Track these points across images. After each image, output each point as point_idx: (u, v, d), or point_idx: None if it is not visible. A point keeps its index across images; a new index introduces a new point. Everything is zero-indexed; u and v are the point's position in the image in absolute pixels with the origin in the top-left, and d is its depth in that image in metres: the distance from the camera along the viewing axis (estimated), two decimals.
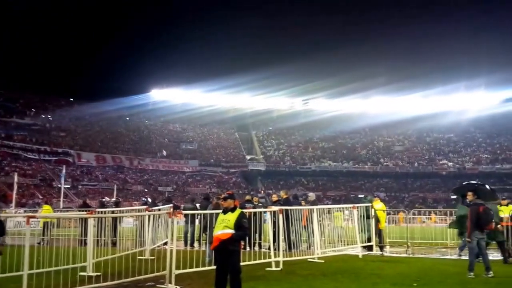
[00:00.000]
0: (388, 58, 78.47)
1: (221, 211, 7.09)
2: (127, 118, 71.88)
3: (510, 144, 65.74)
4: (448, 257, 13.00)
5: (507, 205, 13.44)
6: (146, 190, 54.34)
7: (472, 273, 9.08)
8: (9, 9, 79.12)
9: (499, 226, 11.61)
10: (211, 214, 9.59)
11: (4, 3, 78.58)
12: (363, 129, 73.84)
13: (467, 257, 9.50)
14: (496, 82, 68.94)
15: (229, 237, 6.56)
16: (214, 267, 6.97)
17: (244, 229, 6.75)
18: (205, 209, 12.71)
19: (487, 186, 11.80)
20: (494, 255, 11.89)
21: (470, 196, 9.66)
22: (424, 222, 22.34)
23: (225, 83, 71.52)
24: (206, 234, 10.88)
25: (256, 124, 76.49)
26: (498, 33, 74.26)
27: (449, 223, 14.13)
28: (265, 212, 11.94)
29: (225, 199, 6.94)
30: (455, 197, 41.96)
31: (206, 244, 10.08)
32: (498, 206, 13.49)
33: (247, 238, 11.24)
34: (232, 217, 6.69)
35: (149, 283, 8.20)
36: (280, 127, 74.86)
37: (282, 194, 14.39)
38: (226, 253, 6.55)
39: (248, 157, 69.09)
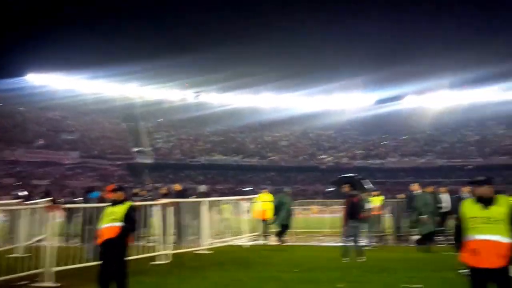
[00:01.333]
0: (277, 56, 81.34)
1: (105, 204, 6.84)
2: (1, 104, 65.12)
3: (381, 141, 72.33)
4: (326, 244, 13.97)
5: (377, 196, 14.88)
6: (18, 183, 49.84)
7: (347, 258, 9.91)
8: None
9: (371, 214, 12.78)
10: (94, 208, 9.17)
11: None
12: (253, 124, 75.77)
13: (347, 244, 10.27)
14: (370, 83, 75.45)
15: (117, 230, 6.35)
16: (97, 262, 6.70)
17: (133, 222, 6.59)
18: (88, 202, 12.13)
19: (364, 180, 12.95)
20: (366, 241, 13.04)
21: (346, 188, 10.49)
22: (302, 212, 23.66)
23: (112, 70, 68.03)
24: (88, 229, 10.40)
25: (145, 115, 74.38)
26: (373, 35, 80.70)
27: None
28: (153, 205, 11.74)
29: (114, 191, 6.70)
30: (331, 189, 45.17)
31: (87, 239, 9.63)
32: (370, 197, 14.88)
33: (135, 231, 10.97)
34: (121, 209, 6.49)
35: (23, 282, 7.63)
36: (171, 119, 73.70)
37: (177, 186, 14.33)
38: (113, 247, 6.33)
39: (135, 149, 66.94)
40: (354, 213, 10.06)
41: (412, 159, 65.57)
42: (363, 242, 11.28)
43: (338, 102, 77.21)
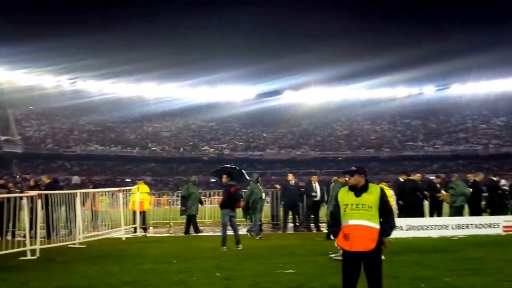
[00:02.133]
0: (159, 45, 78.95)
1: None
2: None
3: (260, 133, 74.80)
4: (205, 234, 14.10)
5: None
6: None
7: (224, 247, 10.11)
8: None
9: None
10: None
11: None
12: (133, 114, 73.24)
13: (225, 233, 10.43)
14: (251, 76, 77.12)
15: None
16: None
17: None
18: None
19: (244, 171, 13.23)
20: (243, 229, 13.43)
21: (224, 179, 10.68)
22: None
23: None
24: None
25: (14, 102, 67.54)
26: (254, 28, 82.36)
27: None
28: (21, 198, 10.77)
29: None
30: (214, 180, 45.64)
31: None
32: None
33: None
34: None
35: None
36: (43, 107, 67.97)
37: (44, 178, 13.31)
38: None
39: (2, 138, 60.53)
40: (231, 202, 10.28)
41: (288, 151, 68.94)
42: (240, 230, 11.60)
43: (220, 94, 78.00)
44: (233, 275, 7.17)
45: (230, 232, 10.43)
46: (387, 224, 4.84)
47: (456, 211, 13.50)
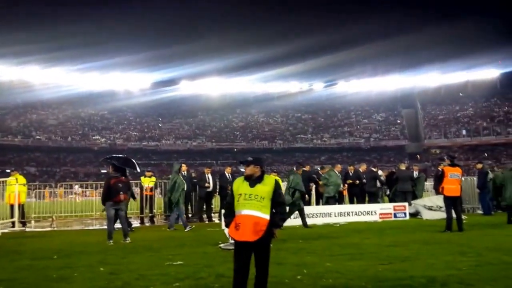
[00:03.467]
0: (46, 25, 72.71)
1: None
2: None
3: (156, 123, 73.06)
4: (93, 228, 13.44)
5: (150, 177, 14.99)
6: None
7: (111, 241, 9.70)
8: None
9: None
10: None
11: None
12: (15, 99, 67.06)
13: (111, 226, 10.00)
14: (146, 63, 74.38)
15: None
16: None
17: None
18: None
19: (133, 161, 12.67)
20: (136, 222, 13.02)
21: (110, 170, 10.23)
22: (73, 195, 22.32)
23: None
24: None
25: None
26: (154, 14, 79.81)
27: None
28: None
29: None
30: (104, 171, 43.64)
31: None
32: (142, 177, 14.91)
33: None
34: None
35: None
36: None
37: None
38: None
39: None
40: (111, 195, 9.83)
41: (184, 141, 68.35)
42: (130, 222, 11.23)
43: (113, 82, 74.02)
44: (119, 269, 6.89)
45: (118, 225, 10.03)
46: (278, 215, 4.91)
47: (329, 200, 14.28)
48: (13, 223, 13.03)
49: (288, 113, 78.21)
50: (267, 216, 4.79)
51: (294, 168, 13.08)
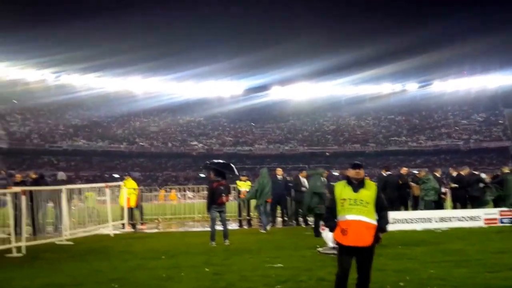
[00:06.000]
0: (146, 39, 78.08)
1: None
2: None
3: (249, 129, 74.83)
4: (195, 229, 14.12)
5: (245, 181, 15.45)
6: None
7: (213, 242, 10.15)
8: None
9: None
10: None
11: None
12: (120, 108, 72.66)
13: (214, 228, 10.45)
14: (239, 70, 76.84)
15: None
16: None
17: None
18: None
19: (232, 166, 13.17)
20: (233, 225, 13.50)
21: (211, 175, 10.72)
22: (179, 198, 23.58)
23: None
24: None
25: None
26: (239, 23, 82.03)
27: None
28: (5, 194, 10.67)
29: None
30: (204, 175, 45.67)
31: None
32: (238, 181, 15.41)
33: None
34: None
35: None
36: (28, 102, 67.05)
37: (31, 174, 13.20)
38: None
39: None
40: (215, 198, 10.28)
41: (277, 146, 69.13)
42: (230, 225, 11.66)
43: (208, 89, 77.66)
44: (222, 270, 7.21)
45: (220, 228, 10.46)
46: (383, 220, 4.90)
47: (428, 205, 13.66)
48: (123, 224, 14.02)
49: (380, 115, 75.93)
50: (374, 221, 4.80)
51: (314, 171, 13.01)
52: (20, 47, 62.26)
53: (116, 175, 47.94)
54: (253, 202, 15.77)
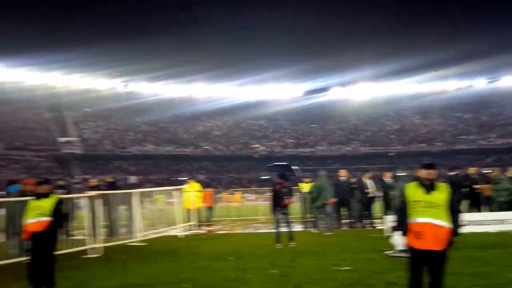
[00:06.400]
0: (208, 46, 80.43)
1: (29, 198, 6.56)
2: None
3: (310, 130, 74.48)
4: (260, 231, 14.25)
5: (308, 182, 15.40)
6: None
7: (278, 244, 10.21)
8: None
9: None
10: (18, 202, 8.72)
11: None
12: (184, 113, 74.95)
13: (279, 230, 10.52)
14: (299, 76, 77.29)
15: (44, 225, 6.11)
16: (23, 258, 6.45)
17: (61, 216, 6.38)
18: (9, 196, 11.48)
19: (295, 168, 13.27)
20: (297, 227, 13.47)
21: (274, 176, 10.82)
22: (242, 200, 23.97)
23: (35, 58, 64.44)
24: (12, 224, 9.88)
25: (70, 105, 71.00)
26: (301, 27, 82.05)
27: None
28: (81, 197, 11.36)
29: (39, 184, 6.42)
30: (266, 177, 45.98)
31: (12, 234, 9.16)
32: (300, 183, 15.40)
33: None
34: (47, 203, 6.24)
35: None
36: (99, 109, 70.94)
37: (107, 178, 13.98)
38: (41, 242, 6.10)
39: (61, 139, 63.85)
40: (278, 200, 10.35)
41: (339, 147, 68.16)
42: (295, 227, 11.68)
43: (268, 92, 78.52)
44: (288, 272, 7.25)
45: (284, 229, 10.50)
46: (456, 223, 4.73)
47: (500, 206, 12.92)
48: (190, 226, 14.43)
49: (445, 113, 72.78)
50: (447, 224, 4.65)
51: (322, 172, 13.01)
52: (92, 59, 66.39)
53: (183, 178, 49.41)
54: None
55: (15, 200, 9.05)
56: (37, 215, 6.15)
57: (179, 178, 51.14)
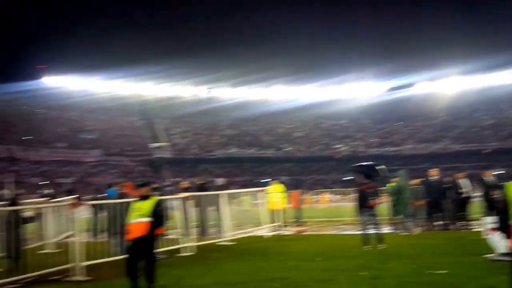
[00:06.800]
0: (288, 49, 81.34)
1: (130, 199, 7.02)
2: (19, 107, 66.48)
3: (394, 129, 71.84)
4: (347, 232, 14.04)
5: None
6: (43, 182, 50.79)
7: (367, 246, 9.99)
8: None
9: None
10: (118, 204, 9.40)
11: None
12: (265, 116, 75.90)
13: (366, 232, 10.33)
14: (382, 73, 75.00)
15: (145, 225, 6.52)
16: (124, 256, 6.93)
17: (161, 216, 6.77)
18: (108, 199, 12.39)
19: (381, 167, 12.86)
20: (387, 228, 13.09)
21: (359, 178, 10.61)
22: (329, 200, 23.78)
23: (126, 71, 69.82)
24: (114, 224, 10.63)
25: (160, 112, 75.07)
26: (383, 25, 79.84)
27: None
28: (174, 199, 11.91)
29: (140, 186, 6.88)
30: (349, 178, 45.13)
31: (113, 234, 9.89)
32: (388, 184, 14.91)
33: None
34: (146, 205, 6.66)
35: (55, 277, 7.90)
36: (185, 115, 74.25)
37: (198, 181, 14.61)
38: (141, 241, 6.51)
39: (153, 145, 67.73)
40: (363, 201, 10.13)
41: (428, 145, 64.99)
42: (385, 229, 11.40)
43: (349, 91, 77.02)
44: (379, 275, 7.08)
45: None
46: None
47: None
48: (276, 226, 14.58)
49: None
50: None
51: (402, 172, 12.55)
52: (177, 70, 70.38)
53: (266, 180, 50.05)
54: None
55: (116, 202, 9.73)
56: (138, 215, 6.60)
57: (262, 180, 51.95)
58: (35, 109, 68.24)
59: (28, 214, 9.26)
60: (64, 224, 11.42)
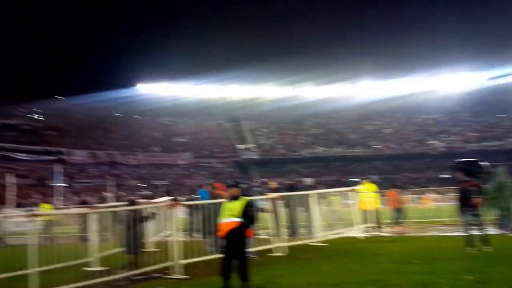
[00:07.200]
0: (374, 44, 79.03)
1: (221, 200, 7.17)
2: (117, 114, 71.75)
3: (495, 121, 66.58)
4: (447, 234, 13.22)
5: None
6: (141, 184, 54.21)
7: (471, 248, 9.29)
8: None
9: None
10: (212, 204, 9.65)
11: None
12: (352, 113, 74.28)
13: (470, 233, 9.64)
14: (480, 64, 70.17)
15: (235, 225, 6.65)
16: (218, 255, 7.08)
17: (251, 217, 6.85)
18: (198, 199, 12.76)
19: (484, 163, 11.91)
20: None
21: (460, 175, 9.90)
22: (430, 201, 22.65)
23: (213, 76, 72.85)
24: (208, 224, 10.94)
25: (246, 114, 76.67)
26: (478, 19, 74.90)
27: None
28: (261, 200, 11.97)
29: (231, 187, 7.02)
30: (446, 176, 42.60)
31: (208, 233, 10.19)
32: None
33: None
34: (237, 205, 6.77)
35: (156, 275, 8.29)
36: (271, 116, 75.13)
37: (287, 181, 14.64)
38: (234, 240, 6.64)
39: (240, 146, 69.30)
40: (465, 200, 9.41)
41: None
42: (491, 230, 10.58)
43: (443, 83, 72.70)
44: (486, 279, 6.55)
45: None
46: None
47: None
48: (368, 227, 14.11)
49: None
50: None
51: (500, 169, 11.52)
52: (261, 72, 71.84)
53: (354, 179, 48.92)
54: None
55: (210, 202, 10.01)
56: (229, 215, 6.74)
57: (350, 179, 50.83)
58: (131, 115, 73.14)
59: (147, 213, 9.95)
60: (162, 224, 12.00)
